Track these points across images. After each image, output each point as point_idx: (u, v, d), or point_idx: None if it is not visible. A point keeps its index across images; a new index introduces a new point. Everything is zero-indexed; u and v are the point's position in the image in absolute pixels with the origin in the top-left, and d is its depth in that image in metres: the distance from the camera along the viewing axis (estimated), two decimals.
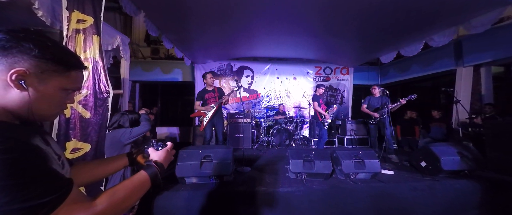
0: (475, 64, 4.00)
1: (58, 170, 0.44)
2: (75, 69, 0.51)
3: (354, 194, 2.03)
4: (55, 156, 0.47)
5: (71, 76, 0.50)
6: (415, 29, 3.23)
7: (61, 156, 0.51)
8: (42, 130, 0.52)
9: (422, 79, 5.41)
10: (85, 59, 1.63)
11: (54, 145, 0.51)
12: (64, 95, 0.51)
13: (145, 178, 0.59)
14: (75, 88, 0.53)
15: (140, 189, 0.57)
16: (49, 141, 0.50)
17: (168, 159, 0.72)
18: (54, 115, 0.54)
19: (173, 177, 2.08)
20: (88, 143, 1.61)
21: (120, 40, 2.78)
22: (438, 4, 2.42)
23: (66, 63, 0.49)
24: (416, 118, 4.49)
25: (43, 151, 0.43)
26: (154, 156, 0.69)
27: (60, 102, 0.51)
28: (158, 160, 0.68)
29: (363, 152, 2.27)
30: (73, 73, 0.51)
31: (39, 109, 0.47)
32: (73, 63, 0.51)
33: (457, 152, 2.31)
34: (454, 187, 2.14)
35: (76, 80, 0.52)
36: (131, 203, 0.55)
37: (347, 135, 4.63)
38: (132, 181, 0.56)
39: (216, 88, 3.29)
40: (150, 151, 0.71)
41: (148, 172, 0.61)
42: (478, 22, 2.78)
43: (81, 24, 1.62)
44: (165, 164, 0.70)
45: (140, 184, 0.58)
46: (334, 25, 3.33)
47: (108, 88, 1.70)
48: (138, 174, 0.59)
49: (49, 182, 0.40)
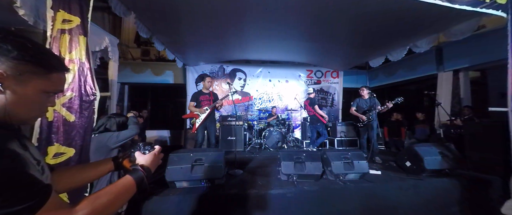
0: (454, 69, 4.26)
1: (37, 176, 0.43)
2: (57, 72, 0.50)
3: (343, 194, 2.08)
4: (33, 161, 0.46)
5: (52, 78, 0.49)
6: (400, 35, 3.41)
7: (40, 161, 0.50)
8: (20, 134, 0.50)
9: (407, 83, 5.68)
10: (71, 60, 1.57)
11: (33, 150, 0.50)
12: (44, 98, 0.50)
13: (130, 183, 0.58)
14: (56, 90, 0.52)
15: (124, 194, 0.56)
16: (28, 146, 0.48)
17: (155, 163, 0.71)
18: (34, 119, 0.52)
19: (162, 182, 2.03)
20: (72, 147, 1.55)
21: (108, 41, 2.71)
22: (421, 13, 2.57)
23: (47, 65, 0.48)
24: (402, 120, 4.69)
25: (20, 156, 0.42)
26: (140, 160, 0.68)
27: (40, 105, 0.50)
28: (145, 164, 0.66)
29: (352, 153, 2.34)
30: (55, 75, 0.50)
31: (18, 112, 0.46)
32: (55, 65, 0.49)
33: (439, 152, 2.44)
34: (436, 186, 2.25)
35: (57, 83, 0.51)
36: (115, 208, 0.53)
37: (338, 136, 4.74)
38: (116, 186, 0.55)
39: (211, 92, 3.31)
40: (137, 155, 0.70)
41: (133, 177, 0.59)
42: (457, 30, 2.99)
43: (66, 24, 1.57)
44: (152, 168, 0.69)
45: (125, 189, 0.56)
46: (325, 30, 3.44)
47: (95, 90, 1.65)
48: (123, 178, 0.58)
49: (25, 189, 0.39)
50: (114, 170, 0.73)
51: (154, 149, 0.72)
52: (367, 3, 2.20)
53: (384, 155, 3.59)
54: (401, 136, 4.54)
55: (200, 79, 5.71)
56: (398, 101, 3.19)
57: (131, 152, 0.74)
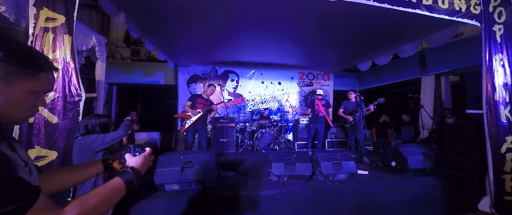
0: (436, 74, 4.50)
1: (25, 177, 0.43)
2: (45, 71, 0.50)
3: (332, 194, 2.14)
4: (21, 163, 0.46)
5: (40, 78, 0.49)
6: (386, 41, 3.57)
7: (28, 163, 0.49)
8: (8, 136, 0.50)
9: (393, 86, 5.93)
10: (54, 59, 1.51)
11: (21, 151, 0.49)
12: (34, 98, 0.49)
13: (119, 185, 0.58)
14: (45, 90, 0.52)
15: (114, 196, 0.56)
16: (16, 147, 0.48)
17: (146, 165, 0.71)
18: (24, 119, 0.52)
19: (151, 185, 1.99)
20: (54, 150, 1.48)
21: (95, 40, 2.63)
22: (404, 21, 2.71)
23: (34, 66, 0.47)
24: (389, 121, 4.87)
25: (8, 158, 0.42)
26: (131, 162, 0.68)
27: (30, 105, 0.50)
28: (135, 166, 0.66)
29: (340, 154, 2.41)
30: (43, 75, 0.49)
31: (7, 114, 0.46)
32: (42, 65, 0.49)
33: (421, 152, 2.56)
34: (419, 184, 2.36)
35: (46, 82, 0.50)
36: (104, 210, 0.53)
37: (328, 138, 4.84)
38: (106, 188, 0.55)
39: (209, 100, 3.38)
40: (127, 157, 0.69)
41: (123, 179, 0.59)
42: (437, 37, 3.17)
43: (50, 23, 1.51)
44: (143, 170, 0.68)
45: (114, 191, 0.56)
46: (315, 34, 3.53)
47: (80, 91, 1.59)
48: (112, 180, 0.58)
49: (13, 190, 0.39)
50: (103, 172, 0.72)
51: (144, 151, 0.71)
52: (355, 10, 2.29)
53: (372, 155, 3.71)
54: (388, 137, 4.71)
55: (192, 81, 5.65)
56: (379, 102, 3.32)
57: (121, 154, 0.74)
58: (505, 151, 2.20)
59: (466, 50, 3.74)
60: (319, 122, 3.79)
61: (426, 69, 4.60)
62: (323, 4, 1.97)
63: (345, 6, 2.01)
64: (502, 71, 2.29)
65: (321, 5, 2.07)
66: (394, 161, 2.63)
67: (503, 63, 2.29)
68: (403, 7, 2.03)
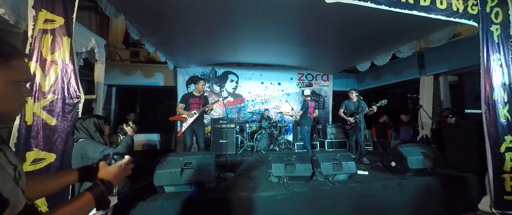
0: (435, 74, 4.52)
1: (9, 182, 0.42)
2: (15, 58, 0.48)
3: (332, 195, 2.13)
4: (9, 166, 0.45)
5: (13, 66, 0.48)
6: (384, 41, 3.58)
7: (17, 166, 0.48)
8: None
9: (392, 86, 5.94)
10: (53, 61, 1.51)
11: (9, 153, 0.48)
12: (15, 89, 0.49)
13: (87, 200, 0.55)
14: (25, 79, 0.51)
15: (81, 211, 0.54)
16: (5, 150, 0.47)
17: (120, 175, 0.66)
18: (14, 111, 0.51)
19: (151, 186, 1.98)
20: (52, 152, 1.47)
21: (95, 42, 2.62)
22: (402, 21, 2.72)
23: (2, 54, 0.46)
24: (388, 122, 4.88)
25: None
26: (102, 173, 0.64)
27: (14, 96, 0.49)
28: (107, 178, 0.62)
29: (340, 155, 2.40)
30: (14, 62, 0.48)
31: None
32: (10, 53, 0.48)
33: (421, 152, 2.56)
34: (419, 184, 2.36)
35: (21, 71, 0.49)
36: None
37: (328, 138, 4.84)
38: (72, 205, 0.52)
39: (202, 95, 3.21)
40: (101, 166, 0.65)
41: (92, 193, 0.56)
42: (434, 38, 3.19)
43: (49, 24, 1.51)
44: (115, 181, 0.64)
45: (81, 207, 0.54)
46: (314, 35, 3.55)
47: (79, 92, 1.59)
48: (81, 195, 0.55)
49: None
50: (78, 181, 0.68)
51: (122, 159, 0.68)
52: (353, 11, 2.30)
53: (371, 155, 3.71)
54: (387, 137, 4.72)
55: (191, 81, 5.64)
56: (382, 104, 3.33)
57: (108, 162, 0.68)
58: (505, 150, 2.21)
59: (464, 50, 3.76)
60: (309, 123, 3.76)
61: (425, 69, 4.62)
62: (321, 5, 1.98)
63: (343, 7, 2.02)
64: (500, 71, 2.30)
65: (319, 6, 2.07)
66: (394, 161, 2.63)
67: (501, 63, 2.31)
68: (401, 8, 2.04)
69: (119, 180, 0.66)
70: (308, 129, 3.72)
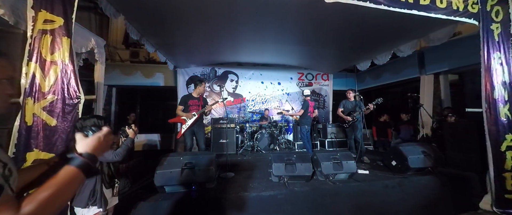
0: (435, 73, 4.51)
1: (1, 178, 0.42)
2: None
3: (333, 194, 2.13)
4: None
5: None
6: (384, 40, 3.58)
7: (7, 164, 0.49)
8: None
9: (392, 85, 5.93)
10: (53, 61, 1.51)
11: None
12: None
13: (70, 172, 0.54)
14: (5, 76, 0.52)
15: (68, 183, 0.53)
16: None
17: (100, 147, 0.63)
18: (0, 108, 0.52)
19: (151, 187, 1.98)
20: (53, 153, 1.47)
21: (94, 42, 2.62)
22: (401, 20, 2.71)
23: None
24: (388, 121, 4.87)
25: None
26: (81, 146, 0.60)
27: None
28: (85, 151, 0.59)
29: (340, 154, 2.40)
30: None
31: None
32: None
33: (421, 151, 2.56)
34: (420, 183, 2.36)
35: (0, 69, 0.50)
36: (62, 200, 0.52)
37: (328, 138, 4.84)
38: (57, 178, 0.52)
39: (201, 97, 3.21)
40: (78, 139, 0.61)
41: (73, 165, 0.55)
42: (434, 36, 3.18)
43: (48, 25, 1.51)
44: (97, 153, 0.61)
45: (67, 179, 0.53)
46: (314, 34, 3.54)
47: (79, 93, 1.59)
48: (62, 170, 0.54)
49: None
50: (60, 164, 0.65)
51: (100, 130, 0.64)
52: (353, 10, 2.30)
53: (372, 155, 3.71)
54: (388, 136, 4.72)
55: (191, 81, 5.63)
56: (378, 102, 3.32)
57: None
58: (505, 149, 2.20)
59: (464, 49, 3.75)
60: (309, 123, 3.78)
61: (425, 68, 4.61)
62: (321, 5, 1.97)
63: (343, 7, 2.02)
64: (500, 70, 2.29)
65: (319, 6, 2.07)
66: (394, 160, 2.63)
67: (502, 61, 2.30)
68: (400, 8, 2.04)
69: (100, 151, 0.63)
70: (308, 129, 3.74)
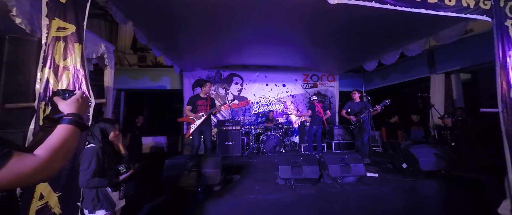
0: (446, 72, 4.36)
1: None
2: None
3: (341, 198, 2.08)
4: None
5: None
6: (392, 40, 3.50)
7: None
8: None
9: (401, 86, 5.78)
10: (65, 67, 1.57)
11: None
12: None
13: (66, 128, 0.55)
14: None
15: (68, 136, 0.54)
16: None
17: (81, 107, 0.65)
18: None
19: (158, 188, 2.00)
20: None
21: (104, 48, 2.71)
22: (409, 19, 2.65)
23: None
24: (398, 122, 4.73)
25: None
26: (64, 108, 0.61)
27: None
28: (70, 111, 0.60)
29: (348, 156, 2.35)
30: None
31: None
32: None
33: (433, 153, 2.46)
34: (432, 187, 2.26)
35: None
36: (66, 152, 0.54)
37: (335, 140, 4.75)
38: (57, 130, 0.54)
39: (209, 97, 3.30)
40: (57, 101, 0.63)
41: (65, 122, 0.57)
42: (445, 35, 3.08)
43: (61, 32, 1.58)
44: (82, 112, 0.63)
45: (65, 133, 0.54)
46: (319, 35, 3.51)
47: (90, 97, 1.64)
48: (57, 128, 0.55)
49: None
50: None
51: (74, 94, 0.66)
52: (358, 11, 2.27)
53: (380, 157, 3.61)
54: (398, 138, 4.58)
55: (196, 84, 5.72)
56: (385, 104, 3.25)
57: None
58: None
59: (477, 47, 3.61)
60: (318, 123, 3.77)
61: (435, 68, 4.47)
62: (325, 6, 1.96)
63: (348, 7, 1.99)
64: None
65: (323, 6, 2.05)
66: (405, 163, 2.54)
67: None
68: (407, 7, 1.99)
69: (83, 110, 0.65)
70: (316, 128, 3.73)
